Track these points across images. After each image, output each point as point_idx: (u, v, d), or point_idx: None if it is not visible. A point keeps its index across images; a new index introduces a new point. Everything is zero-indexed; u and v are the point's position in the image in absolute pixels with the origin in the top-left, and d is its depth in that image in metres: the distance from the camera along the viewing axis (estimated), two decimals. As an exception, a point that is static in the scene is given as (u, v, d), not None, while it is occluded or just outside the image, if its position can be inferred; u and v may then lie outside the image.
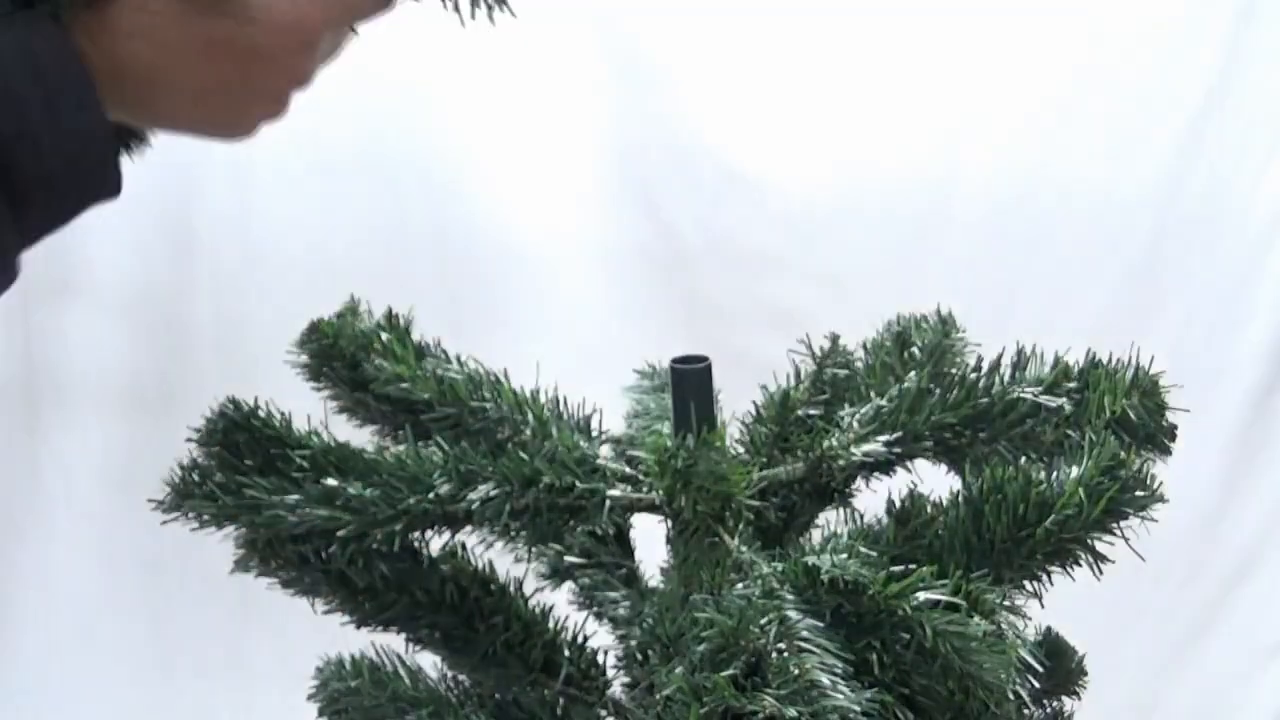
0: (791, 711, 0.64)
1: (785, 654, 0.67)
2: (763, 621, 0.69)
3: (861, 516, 0.81)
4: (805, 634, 0.69)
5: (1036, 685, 0.74)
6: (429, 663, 0.93)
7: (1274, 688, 1.80)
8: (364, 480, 0.78)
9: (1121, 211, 1.73)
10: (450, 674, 0.92)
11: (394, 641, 0.91)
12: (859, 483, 0.86)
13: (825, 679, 0.66)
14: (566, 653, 0.87)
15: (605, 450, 0.85)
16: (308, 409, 0.85)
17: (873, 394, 0.84)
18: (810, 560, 0.72)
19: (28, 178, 0.49)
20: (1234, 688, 1.79)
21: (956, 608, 0.69)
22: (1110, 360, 0.83)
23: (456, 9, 0.59)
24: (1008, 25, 1.65)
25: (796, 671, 0.66)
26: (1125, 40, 1.65)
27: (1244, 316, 1.76)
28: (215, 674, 1.77)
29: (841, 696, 0.65)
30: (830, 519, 0.83)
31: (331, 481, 0.78)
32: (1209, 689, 1.79)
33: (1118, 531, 0.76)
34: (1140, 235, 1.74)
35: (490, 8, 0.60)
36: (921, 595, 0.69)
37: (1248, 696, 1.79)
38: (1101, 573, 0.77)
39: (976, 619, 0.70)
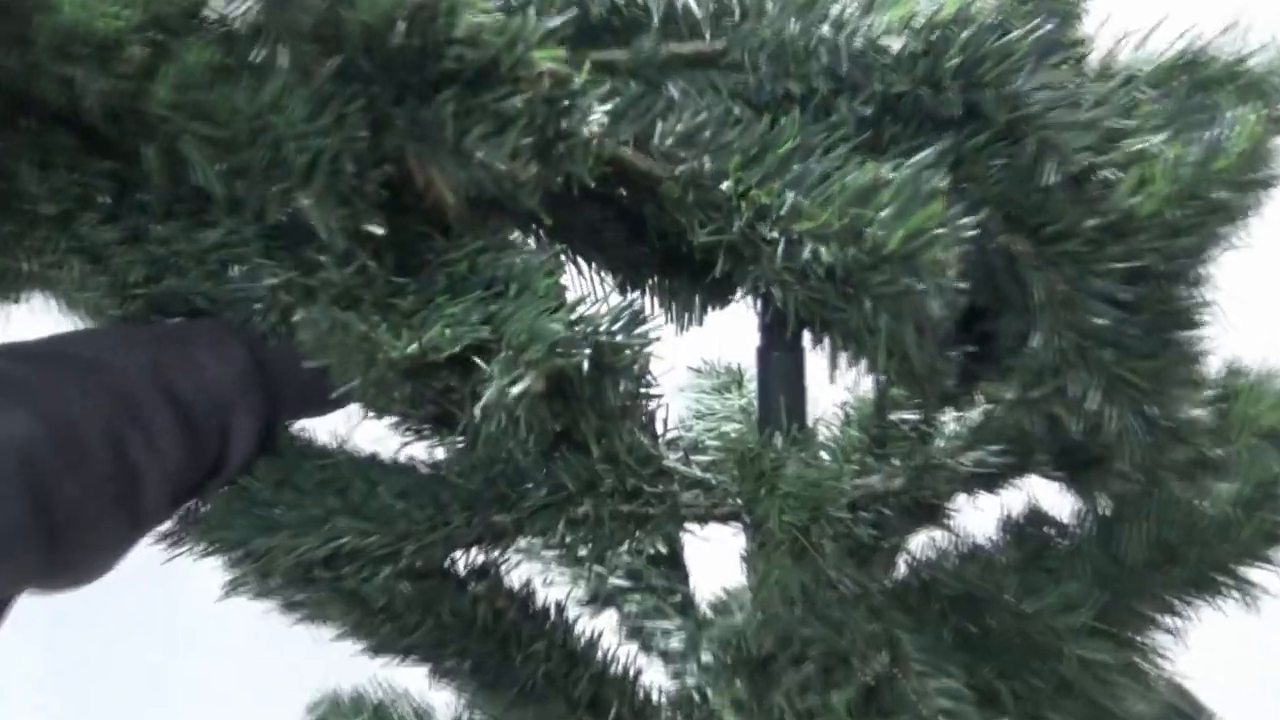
0: (921, 745, 0.53)
1: (902, 678, 0.57)
2: (874, 642, 0.58)
3: (972, 538, 0.70)
4: (923, 658, 0.58)
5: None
6: (441, 703, 0.82)
7: (1274, 687, 1.72)
8: (396, 491, 0.67)
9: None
10: (467, 715, 0.81)
11: (401, 677, 0.80)
12: (958, 500, 0.75)
13: (953, 706, 0.55)
14: (616, 689, 0.75)
15: (669, 454, 0.74)
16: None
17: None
18: (925, 575, 0.62)
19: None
20: (1234, 686, 1.73)
21: (1104, 635, 0.59)
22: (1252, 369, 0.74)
23: None
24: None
25: (916, 698, 0.56)
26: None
27: (1241, 315, 1.71)
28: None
29: (979, 729, 0.54)
30: (927, 540, 0.73)
31: (359, 493, 0.67)
32: (1209, 688, 1.72)
33: (1274, 560, 0.66)
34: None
35: None
36: (1064, 619, 0.59)
37: (1248, 696, 1.72)
38: (1254, 608, 0.67)
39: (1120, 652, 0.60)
